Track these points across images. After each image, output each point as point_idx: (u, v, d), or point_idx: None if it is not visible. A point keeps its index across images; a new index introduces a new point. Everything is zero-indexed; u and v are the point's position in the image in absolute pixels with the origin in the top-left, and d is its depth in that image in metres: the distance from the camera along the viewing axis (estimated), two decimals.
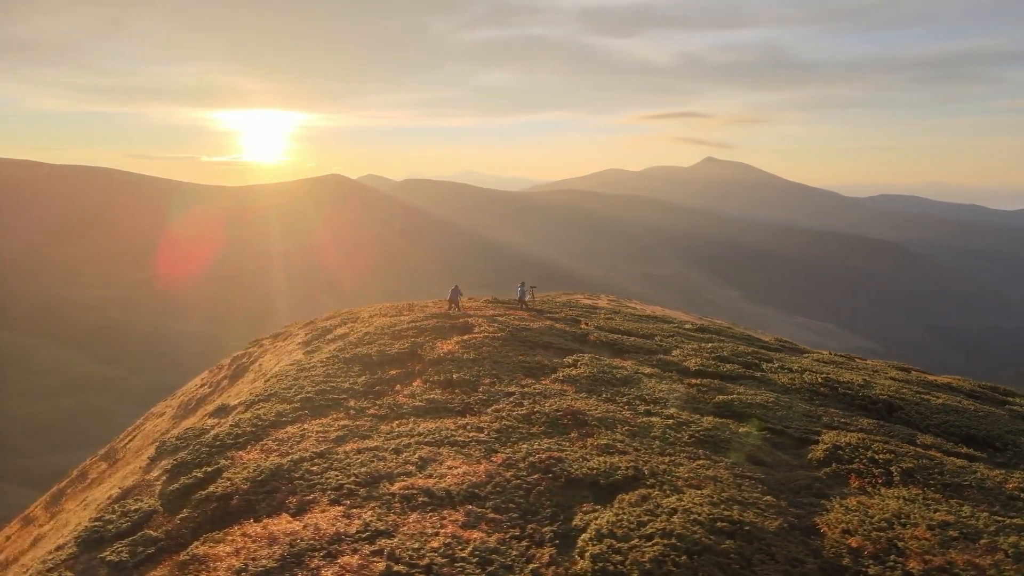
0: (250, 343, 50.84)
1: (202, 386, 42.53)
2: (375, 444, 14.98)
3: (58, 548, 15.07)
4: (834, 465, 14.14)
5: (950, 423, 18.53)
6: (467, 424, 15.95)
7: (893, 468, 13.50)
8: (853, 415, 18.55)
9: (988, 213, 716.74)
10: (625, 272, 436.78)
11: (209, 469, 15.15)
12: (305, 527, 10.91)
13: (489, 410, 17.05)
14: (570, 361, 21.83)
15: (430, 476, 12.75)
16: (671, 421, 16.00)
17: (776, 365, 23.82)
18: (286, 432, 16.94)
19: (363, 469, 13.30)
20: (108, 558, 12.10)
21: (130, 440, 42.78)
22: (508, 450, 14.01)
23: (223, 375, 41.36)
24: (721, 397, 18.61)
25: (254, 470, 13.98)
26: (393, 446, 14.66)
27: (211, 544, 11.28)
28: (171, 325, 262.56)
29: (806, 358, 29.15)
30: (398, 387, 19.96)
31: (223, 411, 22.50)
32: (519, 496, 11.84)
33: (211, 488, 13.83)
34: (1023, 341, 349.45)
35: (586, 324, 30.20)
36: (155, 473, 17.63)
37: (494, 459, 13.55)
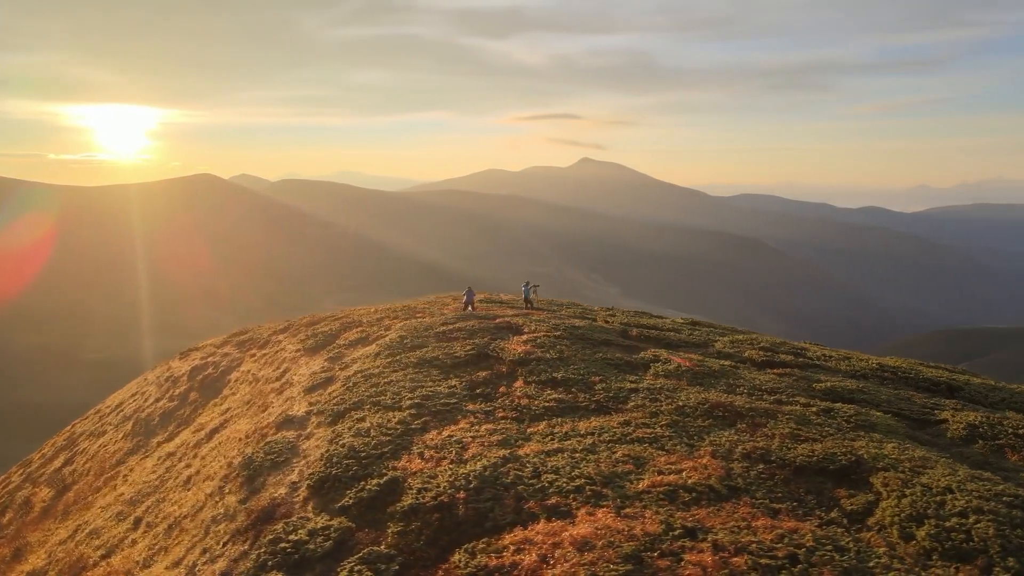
0: (184, 353, 47.85)
1: (157, 400, 39.88)
2: (554, 446, 14.74)
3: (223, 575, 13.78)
4: (980, 442, 15.45)
5: (1007, 401, 20.56)
6: (628, 421, 16.02)
7: None
8: (929, 396, 20.18)
9: (835, 211, 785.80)
10: (508, 270, 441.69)
11: (380, 481, 14.32)
12: (599, 530, 10.68)
13: (629, 407, 17.17)
14: (650, 356, 22.26)
15: (660, 473, 12.77)
16: (813, 408, 16.82)
17: (819, 353, 25.37)
18: (432, 438, 16.27)
19: (580, 470, 13.10)
20: None
21: (65, 464, 39.54)
22: (705, 444, 14.26)
23: (185, 387, 38.96)
24: (818, 385, 19.68)
25: (455, 478, 13.39)
26: (579, 447, 14.50)
27: (491, 555, 10.79)
28: (23, 338, 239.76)
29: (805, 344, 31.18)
30: (502, 389, 19.59)
31: (291, 423, 21.17)
32: (773, 486, 12.16)
33: (412, 499, 13.12)
34: (869, 328, 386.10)
35: (606, 321, 30.70)
36: (280, 490, 16.40)
37: (701, 452, 13.76)
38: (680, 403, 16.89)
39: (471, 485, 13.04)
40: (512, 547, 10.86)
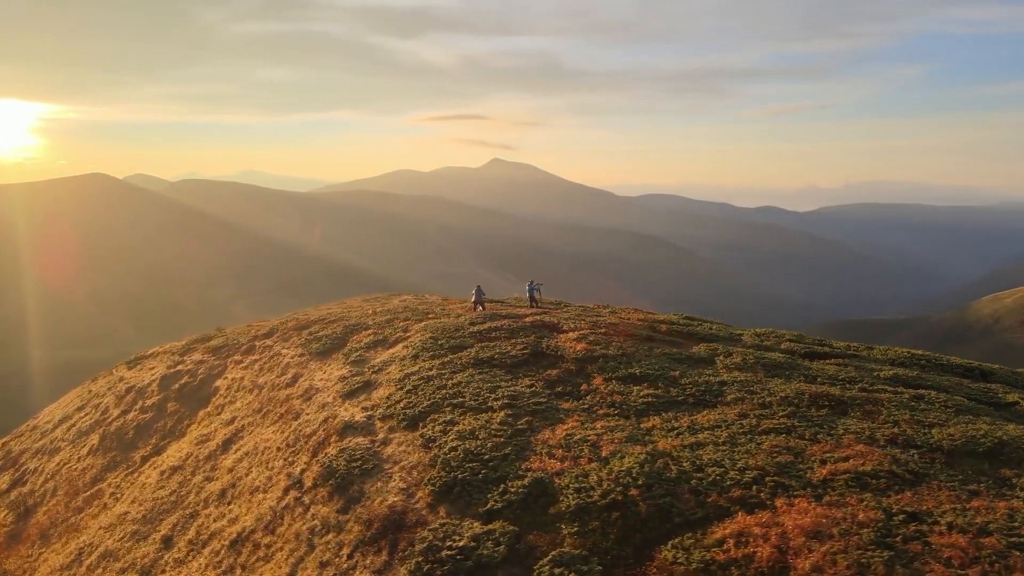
0: (132, 361, 45.48)
1: (124, 413, 37.79)
2: (692, 440, 14.71)
3: None
4: None
5: None
6: (744, 413, 16.18)
7: None
8: (972, 381, 21.44)
9: (735, 211, 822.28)
10: (421, 271, 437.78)
11: (524, 483, 13.87)
12: (820, 519, 10.74)
13: (729, 399, 17.35)
14: (704, 352, 22.57)
15: (828, 461, 12.97)
16: (905, 395, 17.53)
17: (843, 344, 26.48)
18: (548, 438, 15.89)
19: (742, 463, 13.13)
20: None
21: (15, 485, 37.44)
22: (841, 432, 14.58)
23: (158, 398, 37.11)
24: (880, 373, 20.50)
25: (615, 476, 13.12)
26: (718, 439, 14.54)
27: (710, 550, 10.65)
28: None
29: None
30: (584, 387, 19.36)
31: (353, 429, 20.29)
32: (945, 470, 12.60)
33: (576, 499, 12.79)
34: (767, 323, 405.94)
35: (617, 317, 30.94)
36: (391, 497, 15.61)
37: (846, 441, 14.06)
38: (781, 394, 17.22)
39: (639, 482, 12.83)
40: (731, 540, 10.77)
